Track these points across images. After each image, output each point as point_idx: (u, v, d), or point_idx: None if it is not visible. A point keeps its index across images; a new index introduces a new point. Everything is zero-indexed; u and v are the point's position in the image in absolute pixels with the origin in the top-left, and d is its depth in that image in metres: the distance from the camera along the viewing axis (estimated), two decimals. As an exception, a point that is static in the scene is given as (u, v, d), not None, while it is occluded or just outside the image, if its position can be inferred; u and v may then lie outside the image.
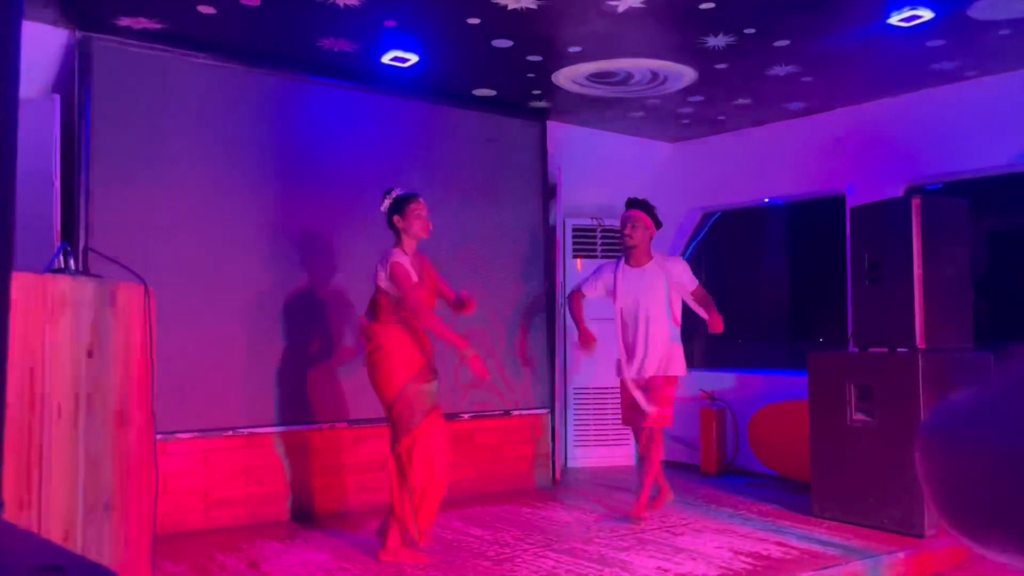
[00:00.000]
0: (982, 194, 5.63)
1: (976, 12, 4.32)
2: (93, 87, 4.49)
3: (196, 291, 4.73)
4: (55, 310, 1.83)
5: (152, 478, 2.18)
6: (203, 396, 4.71)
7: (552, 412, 6.17)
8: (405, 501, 3.94)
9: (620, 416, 5.17)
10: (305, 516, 5.00)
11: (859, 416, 4.75)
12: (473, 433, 5.72)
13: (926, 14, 4.31)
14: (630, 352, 4.94)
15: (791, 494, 5.53)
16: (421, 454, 3.90)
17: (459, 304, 4.13)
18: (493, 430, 5.82)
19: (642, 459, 5.05)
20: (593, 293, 5.09)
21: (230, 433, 4.81)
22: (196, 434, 4.70)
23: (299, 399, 5.04)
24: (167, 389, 4.44)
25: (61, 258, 2.13)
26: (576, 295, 5.13)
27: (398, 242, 4.11)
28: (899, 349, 4.62)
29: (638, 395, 4.87)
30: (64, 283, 1.88)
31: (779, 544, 4.31)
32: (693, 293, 5.03)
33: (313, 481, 5.07)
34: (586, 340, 4.91)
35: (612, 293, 5.01)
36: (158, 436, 4.42)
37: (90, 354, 1.91)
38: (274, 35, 4.63)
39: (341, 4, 4.18)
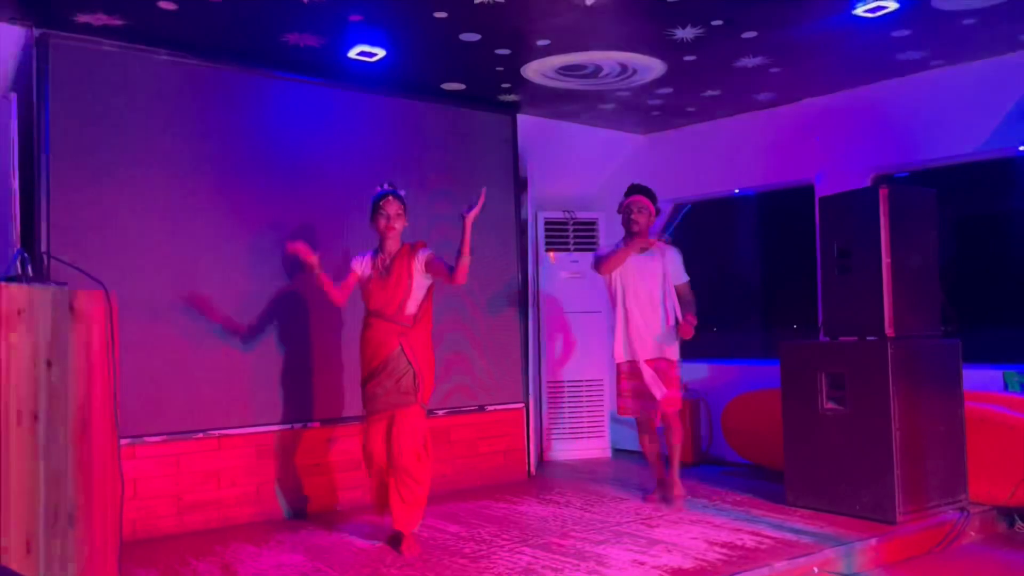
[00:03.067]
0: (949, 181, 5.70)
1: (940, 2, 4.35)
2: (51, 85, 4.39)
3: (163, 292, 4.66)
4: (11, 319, 1.77)
5: (117, 486, 2.14)
6: (173, 398, 4.65)
7: (527, 406, 6.16)
8: None
9: (617, 406, 5.15)
10: (279, 518, 4.96)
11: (830, 404, 4.79)
12: (448, 429, 5.70)
13: (891, 4, 4.33)
14: (636, 335, 4.97)
15: (765, 482, 5.57)
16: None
17: (452, 270, 4.17)
18: (468, 425, 5.80)
19: (666, 447, 5.16)
20: (606, 273, 5.07)
21: (201, 435, 4.75)
22: (166, 437, 4.63)
23: (271, 399, 4.99)
24: (136, 392, 4.39)
25: (18, 265, 2.07)
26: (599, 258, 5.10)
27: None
28: (869, 337, 4.66)
29: (650, 376, 4.90)
30: (20, 292, 1.83)
31: (753, 534, 4.34)
32: (679, 288, 5.06)
33: (287, 482, 5.03)
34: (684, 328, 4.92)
35: (618, 276, 5.03)
36: (127, 440, 4.38)
37: (49, 363, 1.86)
38: (237, 31, 4.56)
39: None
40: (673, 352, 5.03)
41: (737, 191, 6.84)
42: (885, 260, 4.62)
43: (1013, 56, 5.18)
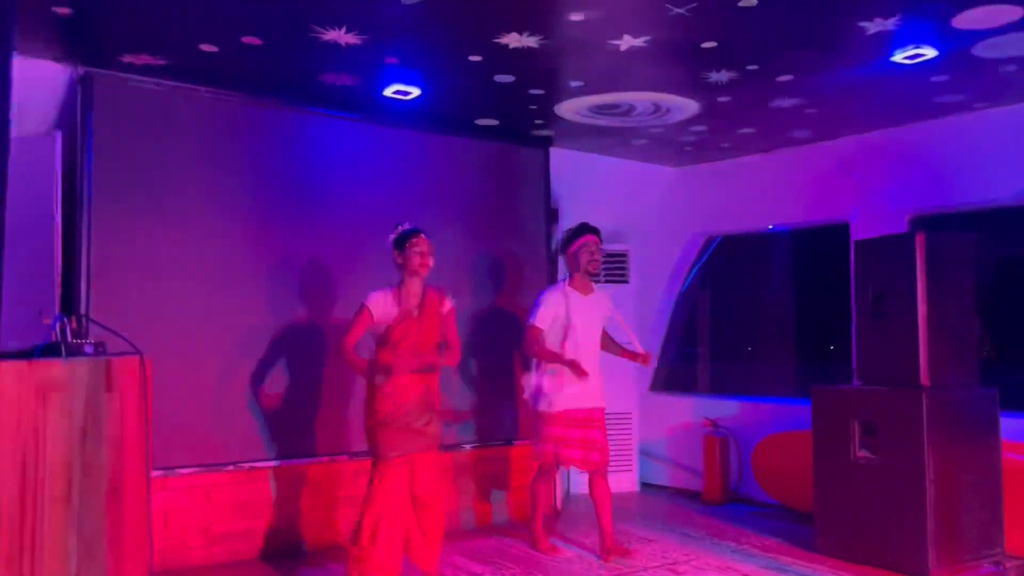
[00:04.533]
0: (988, 222, 5.60)
1: (980, 51, 4.30)
2: (95, 121, 4.49)
3: (199, 325, 4.73)
4: (48, 394, 1.82)
5: (147, 551, 2.17)
6: (204, 430, 4.71)
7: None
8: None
9: (544, 451, 4.81)
10: (308, 550, 4.99)
11: (863, 452, 4.72)
12: (475, 463, 5.71)
13: (930, 52, 4.28)
14: (575, 384, 4.77)
15: (794, 525, 5.50)
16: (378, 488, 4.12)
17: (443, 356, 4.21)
18: (494, 460, 5.80)
19: (547, 495, 5.09)
20: (545, 325, 4.81)
21: (231, 468, 4.80)
22: (197, 469, 4.69)
23: (300, 432, 5.03)
24: (168, 424, 4.45)
25: (58, 330, 2.13)
26: (538, 331, 4.81)
27: (399, 279, 4.14)
28: (903, 386, 4.59)
29: (583, 429, 4.78)
30: (56, 368, 1.88)
31: (781, 585, 4.28)
32: (617, 321, 4.99)
33: (315, 514, 5.06)
34: (580, 368, 4.73)
35: (564, 322, 4.80)
36: (159, 472, 4.45)
37: (84, 433, 1.90)
38: (275, 70, 4.63)
39: (343, 43, 4.18)
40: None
41: (771, 227, 6.78)
42: (921, 308, 4.54)
43: (1055, 100, 5.10)
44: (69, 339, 2.12)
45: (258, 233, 4.97)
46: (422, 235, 4.18)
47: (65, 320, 2.16)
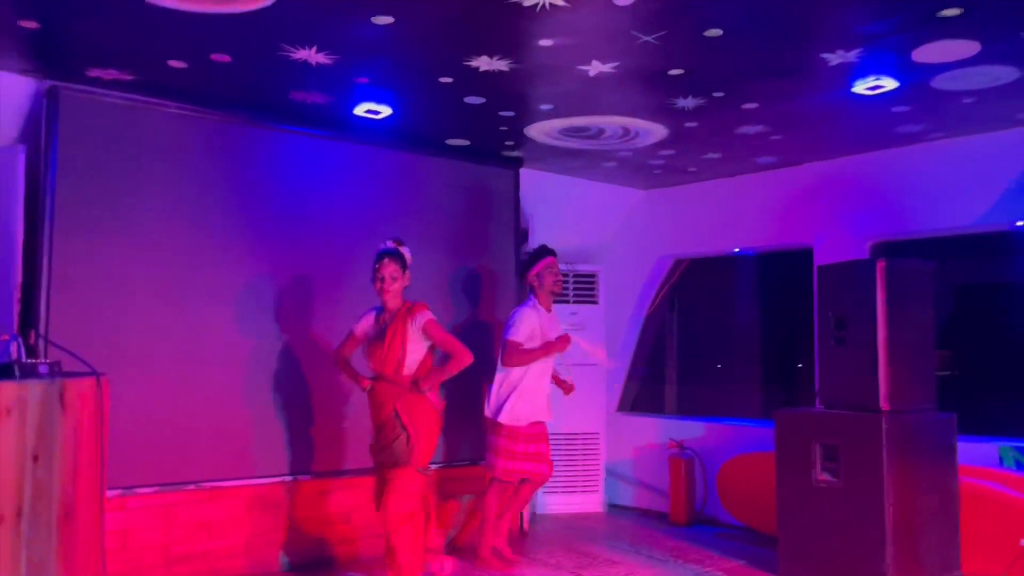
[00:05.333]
0: (947, 250, 5.71)
1: (939, 83, 4.41)
2: (60, 135, 4.44)
3: (160, 341, 4.67)
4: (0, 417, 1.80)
5: (101, 574, 2.13)
6: (165, 449, 4.64)
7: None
8: None
9: (513, 469, 4.95)
10: (271, 571, 4.93)
11: (824, 476, 4.77)
12: (442, 483, 5.68)
13: (890, 83, 4.38)
14: (541, 398, 5.05)
15: (758, 547, 5.54)
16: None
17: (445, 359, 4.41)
18: (458, 480, 5.79)
19: (518, 508, 5.21)
20: (523, 341, 4.97)
21: (192, 487, 4.74)
22: (156, 488, 4.62)
23: (263, 452, 4.98)
24: (128, 442, 4.39)
25: (12, 350, 2.10)
26: (518, 345, 4.96)
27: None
28: (864, 410, 4.65)
29: (536, 443, 5.01)
30: (10, 390, 1.85)
31: (743, 608, 4.31)
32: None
33: (277, 535, 5.00)
34: (568, 387, 5.21)
35: (540, 338, 5.02)
36: (117, 491, 4.38)
37: (36, 458, 1.88)
38: (245, 87, 4.62)
39: (313, 63, 4.19)
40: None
41: (737, 250, 6.86)
42: (881, 334, 4.62)
43: (1011, 132, 5.23)
44: (23, 359, 2.09)
45: (224, 251, 4.93)
46: (385, 259, 4.22)
47: (20, 340, 2.13)
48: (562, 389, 5.32)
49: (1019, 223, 5.26)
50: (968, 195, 5.38)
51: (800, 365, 6.37)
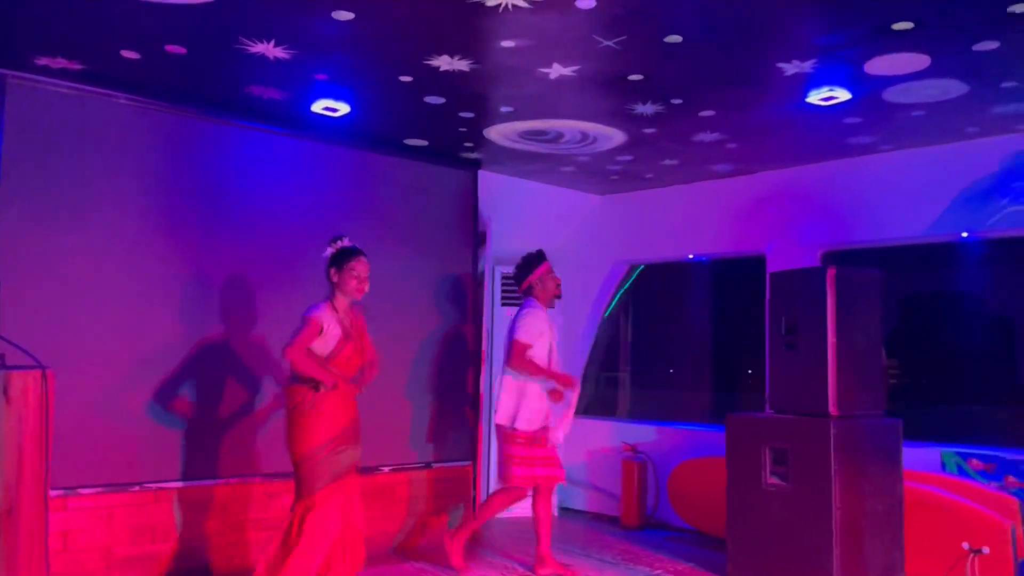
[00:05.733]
0: (896, 260, 5.85)
1: (890, 96, 4.52)
2: (6, 126, 4.31)
3: (105, 338, 4.55)
4: (-62, 409, 1.72)
5: (43, 575, 2.06)
6: (108, 449, 4.52)
7: (475, 463, 6.13)
8: (272, 562, 3.85)
9: (529, 475, 4.85)
10: (217, 574, 4.82)
11: (773, 479, 4.84)
12: (394, 486, 5.63)
13: (843, 95, 4.48)
14: (543, 403, 4.96)
15: (708, 550, 5.59)
16: (315, 522, 3.81)
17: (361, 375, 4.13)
18: (413, 482, 5.74)
19: (546, 515, 5.00)
20: (532, 341, 4.88)
21: (136, 488, 4.62)
22: (100, 489, 4.50)
23: (209, 453, 4.87)
24: (71, 441, 4.27)
25: (-48, 341, 2.01)
26: (526, 346, 4.86)
27: (330, 295, 4.06)
28: (812, 415, 4.73)
29: (543, 448, 4.93)
30: (-51, 381, 1.78)
31: (693, 610, 4.34)
32: None
33: (223, 538, 4.90)
34: (569, 381, 4.98)
35: (547, 340, 4.95)
36: (59, 492, 4.25)
37: (-24, 452, 1.80)
38: (200, 80, 4.54)
39: (271, 57, 4.13)
40: None
41: (691, 256, 6.95)
42: (831, 340, 4.70)
43: (959, 145, 5.38)
44: (-35, 351, 2.01)
45: (174, 247, 4.83)
46: (363, 258, 4.09)
47: (-39, 331, 2.05)
48: (550, 396, 5.09)
49: (964, 235, 5.41)
50: (916, 206, 5.53)
51: (751, 371, 6.46)
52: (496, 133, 5.43)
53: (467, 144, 5.75)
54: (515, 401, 4.88)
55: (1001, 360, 5.80)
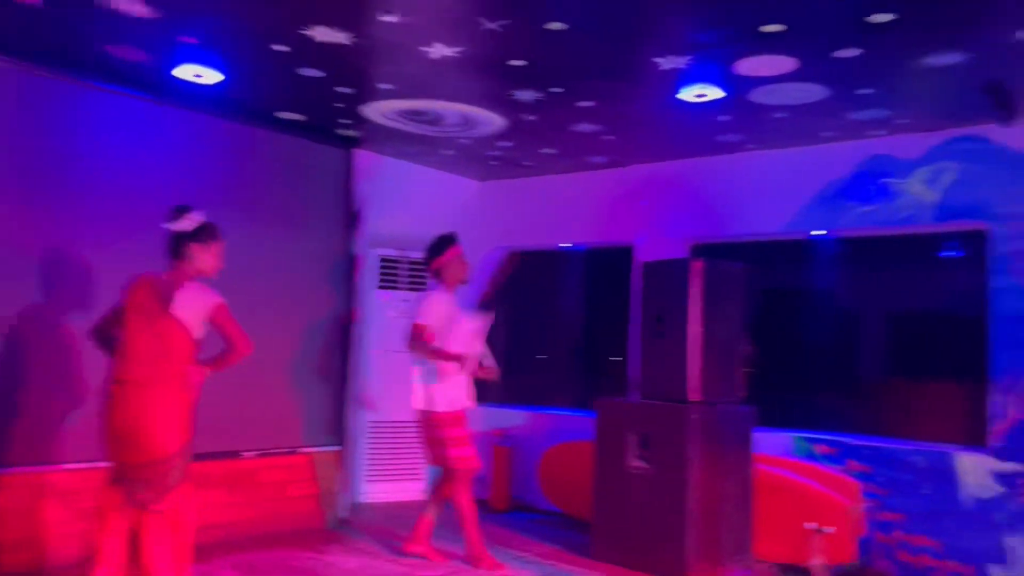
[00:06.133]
0: (758, 254, 6.12)
1: (757, 96, 4.71)
2: None
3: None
4: None
5: None
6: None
7: (344, 447, 6.01)
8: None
9: (471, 455, 4.82)
10: (49, 566, 4.51)
11: (637, 463, 4.98)
12: (256, 471, 5.44)
13: (715, 93, 4.62)
14: (461, 383, 4.88)
15: (574, 532, 5.71)
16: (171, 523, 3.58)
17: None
18: (278, 468, 5.57)
19: (473, 502, 4.89)
20: (432, 323, 4.78)
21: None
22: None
23: (43, 436, 4.51)
24: None
25: None
26: (424, 328, 4.76)
27: (183, 272, 3.76)
28: (675, 401, 4.90)
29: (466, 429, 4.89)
30: None
31: (557, 591, 4.42)
32: None
33: (61, 528, 4.56)
34: (465, 361, 4.80)
35: (450, 324, 4.83)
36: None
37: None
38: (54, 35, 4.20)
39: (134, 14, 3.86)
40: None
41: (565, 245, 7.05)
42: (695, 329, 4.89)
43: (814, 149, 5.68)
44: None
45: (21, 216, 4.45)
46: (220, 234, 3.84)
47: None
48: (484, 376, 5.05)
49: (814, 233, 5.74)
50: (777, 204, 5.81)
51: (620, 358, 6.62)
52: (375, 111, 5.31)
53: (344, 121, 5.60)
54: (430, 384, 4.80)
55: (846, 352, 6.19)
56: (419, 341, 4.76)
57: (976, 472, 4.96)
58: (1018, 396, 4.89)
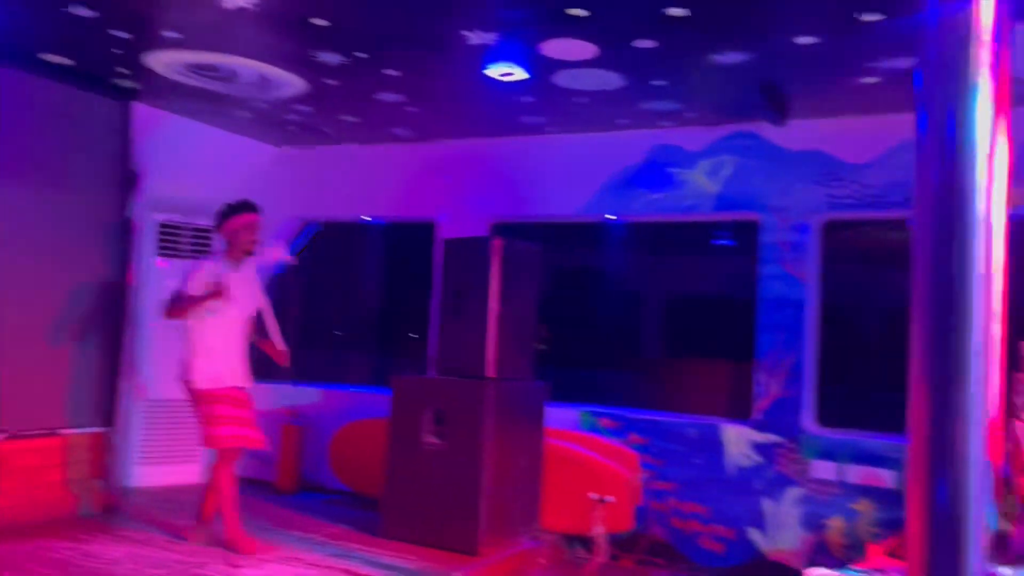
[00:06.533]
0: (555, 235, 6.30)
1: (560, 80, 4.80)
2: None
3: None
4: None
5: None
6: None
7: (112, 427, 5.51)
8: None
9: (231, 434, 4.56)
10: None
11: (432, 439, 4.97)
12: (9, 456, 4.86)
13: (520, 73, 4.65)
14: (235, 359, 4.66)
15: (365, 512, 5.60)
16: None
17: None
18: (34, 451, 5.01)
19: (233, 483, 4.65)
20: (195, 293, 4.54)
21: None
22: None
23: None
24: None
25: None
26: (174, 295, 4.56)
27: None
28: (472, 377, 4.93)
29: (236, 407, 4.60)
30: None
31: (345, 571, 4.32)
32: (263, 308, 4.88)
33: None
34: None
35: (234, 295, 4.58)
36: None
37: None
38: None
39: None
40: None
41: (366, 218, 6.88)
42: (493, 306, 4.93)
43: (610, 135, 5.91)
44: None
45: None
46: None
47: None
48: (275, 358, 4.88)
49: (607, 216, 5.99)
50: (574, 187, 5.99)
51: (417, 336, 6.58)
52: (158, 61, 4.86)
53: (122, 70, 5.08)
54: (187, 356, 4.57)
55: (631, 332, 6.54)
56: (167, 309, 4.56)
57: (739, 443, 5.41)
58: (778, 374, 5.38)
